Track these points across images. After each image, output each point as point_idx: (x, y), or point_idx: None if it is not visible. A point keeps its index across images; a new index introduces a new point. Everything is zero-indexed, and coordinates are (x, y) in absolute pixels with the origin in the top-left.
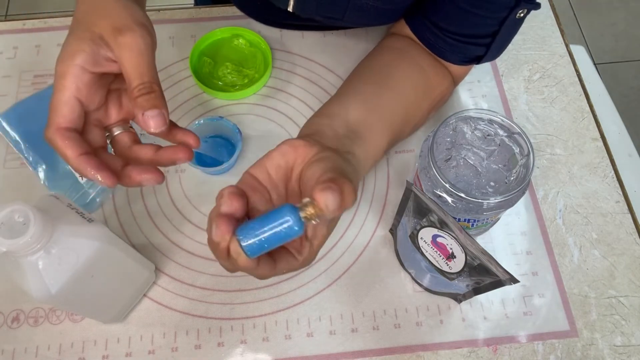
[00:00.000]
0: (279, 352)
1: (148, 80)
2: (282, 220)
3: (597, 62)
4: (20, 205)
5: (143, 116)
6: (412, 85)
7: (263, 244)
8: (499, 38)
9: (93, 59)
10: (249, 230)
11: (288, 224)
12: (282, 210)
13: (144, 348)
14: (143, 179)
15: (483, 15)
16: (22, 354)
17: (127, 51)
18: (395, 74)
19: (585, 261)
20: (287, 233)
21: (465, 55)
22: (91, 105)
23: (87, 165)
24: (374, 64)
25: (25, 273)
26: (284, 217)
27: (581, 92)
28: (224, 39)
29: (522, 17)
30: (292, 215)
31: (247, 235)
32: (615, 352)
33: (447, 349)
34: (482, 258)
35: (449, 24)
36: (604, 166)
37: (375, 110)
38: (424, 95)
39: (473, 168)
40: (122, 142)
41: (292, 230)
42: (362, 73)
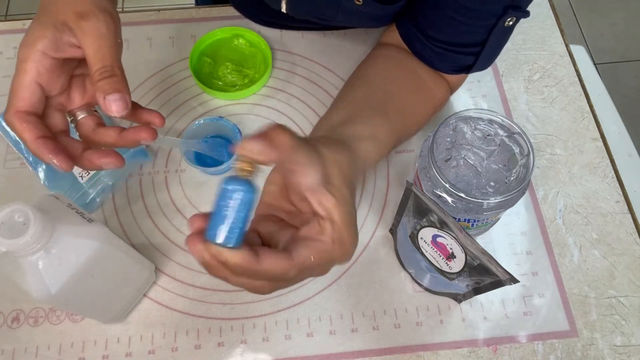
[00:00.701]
0: (279, 352)
1: (110, 64)
2: (227, 193)
3: (597, 62)
4: (20, 205)
5: (105, 100)
6: (413, 96)
7: (233, 227)
8: (488, 47)
9: (55, 45)
10: (211, 227)
11: (235, 191)
12: (222, 186)
13: (144, 348)
14: (103, 162)
15: (470, 24)
16: (22, 354)
17: (89, 36)
18: (396, 89)
19: (585, 261)
20: (242, 200)
21: (455, 65)
22: (52, 90)
23: (43, 149)
24: (371, 75)
25: (25, 273)
26: (226, 189)
27: (581, 92)
28: (224, 39)
29: (512, 25)
30: (230, 181)
31: (211, 231)
32: (615, 352)
33: (447, 349)
34: (482, 258)
35: (436, 32)
36: (604, 166)
37: (375, 117)
38: (424, 105)
39: (473, 168)
40: (86, 126)
41: (241, 193)
42: (358, 85)
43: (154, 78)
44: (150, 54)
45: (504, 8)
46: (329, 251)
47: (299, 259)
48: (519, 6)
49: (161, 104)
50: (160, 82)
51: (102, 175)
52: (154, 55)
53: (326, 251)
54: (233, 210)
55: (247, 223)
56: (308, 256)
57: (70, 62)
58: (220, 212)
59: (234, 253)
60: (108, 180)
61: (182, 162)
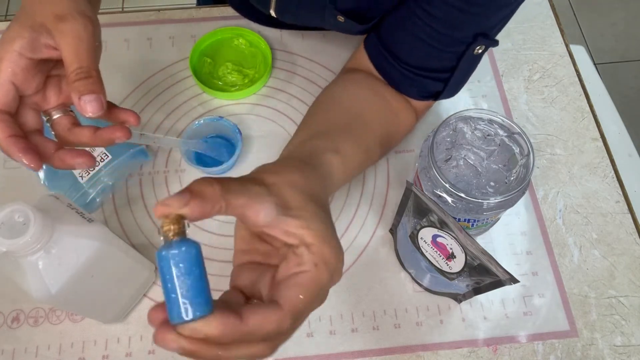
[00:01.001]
0: (279, 352)
1: (86, 65)
2: (166, 262)
3: (597, 62)
4: (20, 205)
5: (80, 100)
6: (379, 118)
7: (194, 294)
8: (457, 74)
9: (31, 46)
10: (170, 308)
11: (174, 256)
12: (158, 260)
13: (144, 348)
14: (76, 162)
15: (441, 49)
16: (22, 354)
17: (66, 37)
18: (362, 110)
19: (585, 261)
20: (187, 261)
21: (423, 90)
22: (27, 89)
23: (14, 148)
24: (336, 96)
25: (25, 273)
26: (164, 257)
27: (581, 92)
28: (224, 39)
29: (480, 53)
30: (163, 249)
31: (173, 311)
32: (615, 352)
33: (447, 349)
34: (482, 258)
35: (406, 55)
36: (604, 166)
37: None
38: (389, 127)
39: (473, 168)
40: (61, 125)
41: (181, 254)
42: (323, 106)
43: (154, 78)
44: (150, 54)
45: (474, 36)
46: (316, 279)
47: (289, 304)
48: (488, 35)
49: (161, 104)
50: (160, 82)
51: (102, 175)
52: (154, 55)
53: (313, 280)
54: (183, 276)
55: (206, 281)
56: (296, 296)
57: (46, 62)
58: (172, 286)
59: (209, 321)
60: (108, 180)
61: (182, 162)
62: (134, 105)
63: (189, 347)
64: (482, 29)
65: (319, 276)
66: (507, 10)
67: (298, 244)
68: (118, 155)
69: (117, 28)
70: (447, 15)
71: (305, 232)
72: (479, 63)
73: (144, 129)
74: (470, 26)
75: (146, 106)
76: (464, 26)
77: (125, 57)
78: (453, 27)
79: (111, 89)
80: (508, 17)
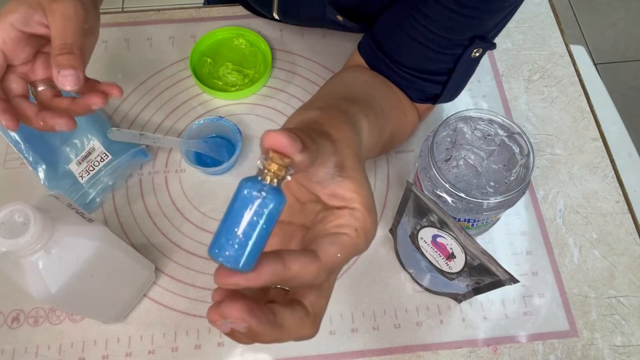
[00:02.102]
0: (279, 352)
1: (70, 42)
2: (253, 200)
3: (597, 62)
4: (20, 205)
5: (59, 74)
6: (391, 106)
7: (245, 244)
8: (454, 77)
9: (24, 20)
10: (220, 242)
11: (265, 199)
12: (240, 189)
13: (144, 348)
14: (56, 122)
15: (438, 51)
16: (22, 354)
17: (56, 15)
18: (377, 95)
19: (585, 261)
20: (270, 211)
21: (422, 93)
22: (15, 59)
23: None
24: (350, 78)
25: (25, 273)
26: (254, 195)
27: (581, 92)
28: (224, 39)
29: (478, 56)
30: (257, 185)
31: (221, 247)
32: (615, 352)
33: (447, 349)
34: (482, 258)
35: (403, 57)
36: (604, 166)
37: None
38: (400, 120)
39: (473, 168)
40: (44, 96)
41: (272, 203)
42: (336, 85)
43: (154, 78)
44: (150, 54)
45: (470, 38)
46: (353, 245)
47: (327, 258)
48: (486, 37)
49: (161, 104)
50: (160, 82)
51: (102, 175)
52: (154, 55)
53: (352, 245)
54: (261, 225)
55: (264, 243)
56: (336, 253)
57: (38, 38)
58: (234, 222)
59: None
60: (108, 180)
61: (182, 162)
62: (134, 105)
63: (254, 324)
64: (478, 32)
65: (356, 242)
66: (502, 14)
67: (342, 207)
68: (118, 155)
69: (117, 28)
70: (443, 18)
71: (354, 196)
72: (477, 66)
73: (144, 129)
74: (467, 29)
75: (146, 106)
76: (460, 29)
77: (125, 57)
78: (449, 29)
79: None
80: (505, 20)
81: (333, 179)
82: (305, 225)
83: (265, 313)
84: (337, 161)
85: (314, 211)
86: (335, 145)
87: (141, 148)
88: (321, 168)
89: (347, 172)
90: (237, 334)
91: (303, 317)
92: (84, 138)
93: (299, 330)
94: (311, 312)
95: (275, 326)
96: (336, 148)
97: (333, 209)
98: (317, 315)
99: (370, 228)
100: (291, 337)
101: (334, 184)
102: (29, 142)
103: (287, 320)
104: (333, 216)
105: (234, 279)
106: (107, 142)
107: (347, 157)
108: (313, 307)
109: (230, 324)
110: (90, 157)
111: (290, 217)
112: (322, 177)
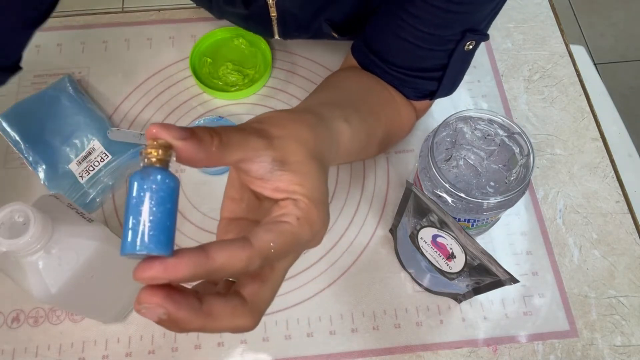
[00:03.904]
0: (279, 352)
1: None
2: (136, 189)
3: (597, 62)
4: (20, 205)
5: None
6: (383, 106)
7: (151, 227)
8: (449, 71)
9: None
10: (125, 236)
11: (144, 183)
12: (133, 180)
13: (144, 348)
14: None
15: (429, 48)
16: (22, 354)
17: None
18: (368, 96)
19: (585, 261)
20: (157, 196)
21: (418, 90)
22: None
23: None
24: (342, 80)
25: (25, 273)
26: (134, 185)
27: (581, 92)
28: (224, 39)
29: (472, 49)
30: (137, 174)
31: (124, 240)
32: (615, 352)
33: (447, 349)
34: (482, 258)
35: (394, 57)
36: (604, 166)
37: None
38: (392, 118)
39: (473, 168)
40: None
41: (159, 183)
42: (327, 87)
43: (154, 78)
44: (150, 54)
45: (462, 32)
46: (294, 233)
47: (261, 243)
48: (477, 30)
49: (161, 104)
50: (160, 82)
51: (102, 175)
52: (154, 55)
53: (292, 233)
54: (154, 207)
55: (174, 223)
56: (270, 240)
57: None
58: (136, 214)
59: (169, 260)
60: (108, 180)
61: None
62: (134, 105)
63: (172, 310)
64: (469, 25)
65: (298, 231)
66: (491, 5)
67: (285, 198)
68: (118, 155)
69: (117, 28)
70: (431, 16)
71: (296, 188)
72: (472, 59)
73: (144, 129)
74: (456, 24)
75: (146, 106)
76: (449, 25)
77: (125, 57)
78: (438, 26)
79: (111, 89)
80: (495, 10)
81: (273, 173)
82: None
83: (187, 299)
84: (275, 156)
85: (269, 208)
86: (272, 141)
87: (141, 148)
88: (255, 163)
89: (290, 166)
90: (163, 321)
91: (237, 306)
92: (84, 138)
93: (232, 320)
94: (248, 302)
95: (201, 313)
96: (273, 144)
97: (278, 201)
98: (256, 307)
99: (315, 219)
100: (224, 327)
101: (275, 178)
102: (29, 142)
103: (216, 308)
104: (277, 207)
105: (151, 270)
106: (107, 142)
107: (291, 152)
108: (252, 298)
109: (147, 310)
110: (90, 157)
111: (248, 214)
112: (260, 173)
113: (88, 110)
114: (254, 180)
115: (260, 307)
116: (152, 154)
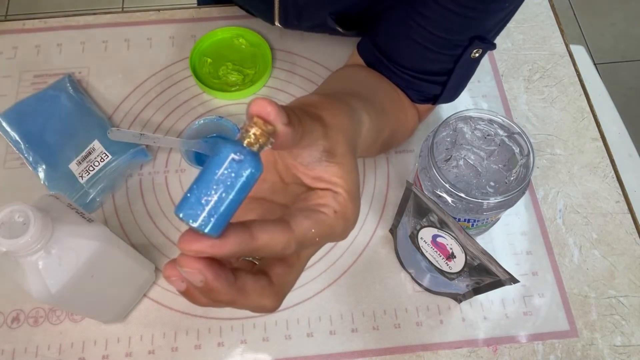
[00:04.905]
0: (279, 352)
1: None
2: (232, 164)
3: (597, 62)
4: (20, 205)
5: None
6: (391, 103)
7: (216, 205)
8: (454, 77)
9: None
10: (190, 201)
11: (243, 164)
12: (219, 150)
13: (144, 348)
14: None
15: (437, 51)
16: (22, 354)
17: None
18: (377, 92)
19: (585, 261)
20: (247, 178)
21: (422, 93)
22: None
23: None
24: (351, 74)
25: (25, 273)
26: (233, 159)
27: (581, 92)
28: (224, 39)
29: (477, 57)
30: (236, 148)
31: (191, 206)
32: (615, 352)
33: (447, 349)
34: (482, 258)
35: (402, 58)
36: (604, 166)
37: None
38: (398, 117)
39: (473, 168)
40: None
41: (249, 169)
42: (337, 80)
43: (154, 78)
44: (150, 54)
45: (470, 39)
46: (330, 225)
47: (300, 229)
48: (485, 38)
49: (161, 104)
50: (160, 82)
51: (102, 175)
52: (154, 55)
53: (328, 225)
54: (231, 190)
55: (235, 209)
56: (309, 228)
57: None
58: (207, 184)
59: (212, 242)
60: (108, 181)
61: (182, 162)
62: (134, 105)
63: (210, 278)
64: (478, 32)
65: (333, 223)
66: (502, 14)
67: (325, 189)
68: (118, 155)
69: (117, 28)
70: (442, 19)
71: (339, 182)
72: (477, 67)
73: (144, 129)
74: (466, 29)
75: (146, 106)
76: (459, 29)
77: (125, 57)
78: (448, 30)
79: (111, 89)
80: (505, 20)
81: (320, 163)
82: (287, 205)
83: (225, 271)
84: (327, 146)
85: (297, 192)
86: (327, 130)
87: (141, 148)
88: (307, 150)
89: (336, 158)
90: (193, 291)
91: (265, 286)
92: (84, 138)
93: (259, 299)
94: (275, 284)
95: (234, 287)
96: (327, 133)
97: (317, 190)
98: (281, 289)
99: (350, 215)
100: (250, 304)
101: (321, 168)
102: (29, 142)
103: (248, 285)
104: (315, 195)
105: (199, 244)
106: (107, 142)
107: (339, 144)
108: (278, 280)
109: (186, 275)
110: (90, 157)
111: (271, 195)
112: (308, 160)
113: (88, 110)
114: (297, 165)
115: (285, 290)
116: (258, 139)
